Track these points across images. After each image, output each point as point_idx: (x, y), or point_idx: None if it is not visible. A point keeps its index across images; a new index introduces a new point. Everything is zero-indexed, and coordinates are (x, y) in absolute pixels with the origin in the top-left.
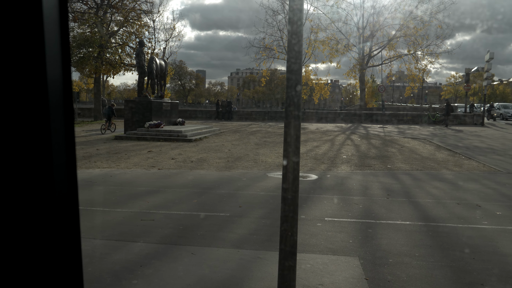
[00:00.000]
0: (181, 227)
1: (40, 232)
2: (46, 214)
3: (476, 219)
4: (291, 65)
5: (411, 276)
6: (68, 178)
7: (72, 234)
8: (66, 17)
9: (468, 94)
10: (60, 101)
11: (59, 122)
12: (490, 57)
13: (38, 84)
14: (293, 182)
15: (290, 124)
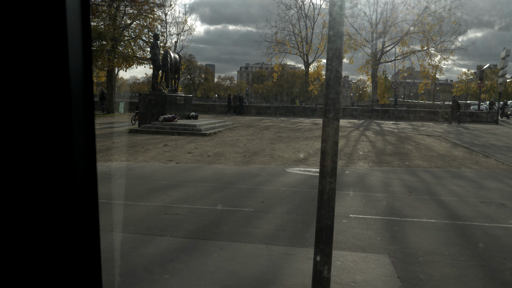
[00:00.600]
0: (207, 222)
1: (60, 224)
2: (67, 205)
3: (502, 218)
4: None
5: (443, 275)
6: (88, 170)
7: (92, 226)
8: (88, 9)
9: (481, 91)
10: (81, 92)
11: (80, 114)
12: (506, 54)
13: (61, 76)
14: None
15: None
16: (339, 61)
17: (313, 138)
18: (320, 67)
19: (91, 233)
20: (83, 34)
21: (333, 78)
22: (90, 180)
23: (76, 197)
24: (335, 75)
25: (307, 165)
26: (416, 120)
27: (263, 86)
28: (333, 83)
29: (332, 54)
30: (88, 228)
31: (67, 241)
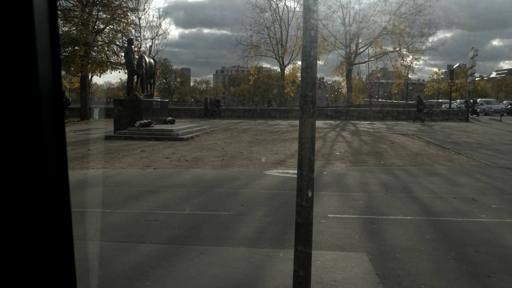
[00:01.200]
0: (186, 227)
1: (33, 230)
2: (38, 212)
3: (474, 213)
4: (305, 69)
5: (420, 270)
6: (59, 177)
7: (64, 232)
8: (55, 15)
9: (452, 90)
10: (50, 99)
11: (50, 120)
12: (474, 54)
13: (30, 82)
14: (309, 184)
15: (305, 125)
16: (313, 69)
17: (290, 140)
18: (295, 69)
19: (64, 241)
20: (51, 39)
21: (309, 81)
22: (61, 186)
23: (48, 204)
24: (311, 78)
25: (285, 167)
26: (390, 120)
27: (240, 89)
28: (309, 87)
29: (306, 63)
30: (61, 235)
31: (39, 249)
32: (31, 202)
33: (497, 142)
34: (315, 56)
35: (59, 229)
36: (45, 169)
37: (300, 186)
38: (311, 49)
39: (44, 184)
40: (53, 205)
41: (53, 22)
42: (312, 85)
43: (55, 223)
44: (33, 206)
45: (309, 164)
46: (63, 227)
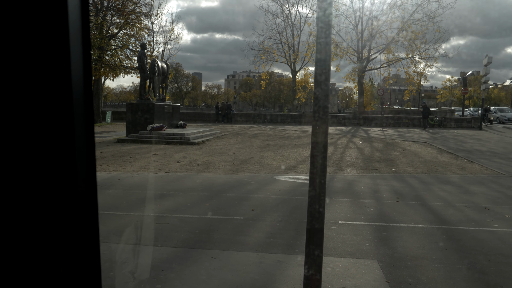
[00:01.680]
0: (197, 231)
1: (62, 231)
2: (69, 213)
3: (486, 222)
4: (318, 76)
5: (431, 278)
6: (88, 178)
7: (92, 234)
8: (87, 19)
9: (465, 98)
10: (81, 100)
11: (81, 122)
12: (488, 61)
13: (63, 85)
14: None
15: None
16: (327, 77)
17: (301, 146)
18: (307, 75)
19: (91, 241)
20: (83, 44)
21: (322, 92)
22: (91, 186)
23: (78, 204)
24: (324, 90)
25: (296, 172)
26: (402, 127)
27: (251, 94)
28: (322, 96)
29: (320, 72)
30: (89, 235)
31: (69, 248)
32: (62, 202)
33: (511, 150)
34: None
35: (88, 230)
36: (76, 170)
37: (313, 191)
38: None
39: (75, 186)
40: (83, 207)
41: (85, 24)
42: (325, 96)
43: (85, 224)
44: (66, 207)
45: (322, 170)
46: (92, 229)
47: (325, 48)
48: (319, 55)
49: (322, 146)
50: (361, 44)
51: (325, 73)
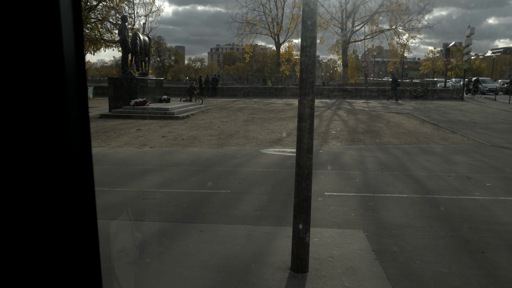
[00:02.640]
0: (185, 205)
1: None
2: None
3: (468, 191)
4: (305, 49)
5: (415, 246)
6: (84, 154)
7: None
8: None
9: (447, 69)
10: (74, 76)
11: (74, 97)
12: (470, 32)
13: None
14: (307, 156)
15: (304, 103)
16: (314, 49)
17: (286, 119)
18: (291, 48)
19: (89, 225)
20: (75, 21)
21: (310, 63)
22: (87, 170)
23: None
24: (311, 60)
25: (282, 145)
26: (385, 98)
27: (235, 67)
28: (310, 68)
29: (308, 42)
30: (86, 220)
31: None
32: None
33: (492, 121)
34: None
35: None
36: (71, 150)
37: (299, 162)
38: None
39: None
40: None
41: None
42: (311, 66)
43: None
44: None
45: (308, 141)
46: (89, 209)
47: (311, 15)
48: (305, 19)
49: (309, 120)
50: (344, 16)
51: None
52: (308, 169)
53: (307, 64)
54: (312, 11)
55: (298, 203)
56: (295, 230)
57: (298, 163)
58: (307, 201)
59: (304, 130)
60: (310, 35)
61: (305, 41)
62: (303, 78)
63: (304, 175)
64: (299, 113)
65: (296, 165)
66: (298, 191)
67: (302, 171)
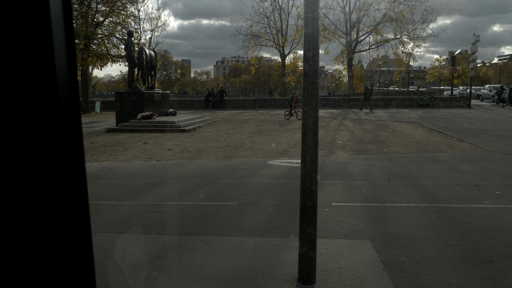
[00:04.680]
0: (191, 218)
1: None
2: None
3: (477, 199)
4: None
5: (424, 256)
6: (77, 172)
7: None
8: (70, 11)
9: (454, 77)
10: (66, 94)
11: (67, 113)
12: (476, 40)
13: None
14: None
15: (309, 113)
16: (316, 60)
17: (292, 130)
18: (296, 59)
19: (83, 232)
20: (66, 35)
21: (311, 73)
22: (80, 178)
23: (68, 195)
24: (313, 66)
25: (288, 156)
26: (392, 108)
27: (240, 79)
28: (311, 77)
29: (310, 53)
30: (81, 226)
31: (62, 239)
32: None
33: (500, 128)
34: (316, 48)
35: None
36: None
37: (304, 169)
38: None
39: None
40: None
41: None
42: (314, 72)
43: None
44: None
45: (313, 147)
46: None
47: (312, 23)
48: (306, 30)
49: (312, 123)
50: (349, 26)
51: (313, 49)
52: (314, 178)
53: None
54: (313, 19)
55: (304, 214)
56: (301, 241)
57: (303, 172)
58: (312, 211)
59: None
60: (313, 41)
61: (308, 50)
62: (307, 84)
63: (308, 184)
64: (303, 120)
65: (302, 175)
66: (303, 201)
67: (307, 180)
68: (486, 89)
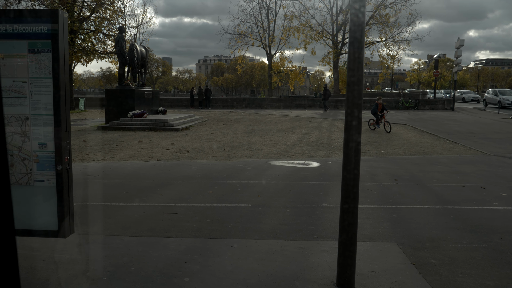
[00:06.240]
0: (209, 220)
1: None
2: None
3: (486, 201)
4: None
5: (453, 258)
6: None
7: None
8: None
9: (436, 80)
10: None
11: None
12: (460, 44)
13: None
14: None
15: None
16: (360, 65)
17: (286, 130)
18: (283, 59)
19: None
20: None
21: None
22: None
23: None
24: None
25: (289, 157)
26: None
27: (223, 78)
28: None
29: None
30: None
31: None
32: None
33: (488, 131)
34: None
35: None
36: None
37: (346, 180)
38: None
39: None
40: None
41: None
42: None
43: None
44: None
45: (355, 157)
46: None
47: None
48: (353, 35)
49: None
50: (336, 28)
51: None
52: (355, 182)
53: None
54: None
55: (344, 217)
56: (341, 244)
57: (345, 176)
58: (354, 213)
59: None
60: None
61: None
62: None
63: (351, 186)
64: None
65: (343, 179)
66: (344, 202)
67: (349, 186)
68: (490, 94)
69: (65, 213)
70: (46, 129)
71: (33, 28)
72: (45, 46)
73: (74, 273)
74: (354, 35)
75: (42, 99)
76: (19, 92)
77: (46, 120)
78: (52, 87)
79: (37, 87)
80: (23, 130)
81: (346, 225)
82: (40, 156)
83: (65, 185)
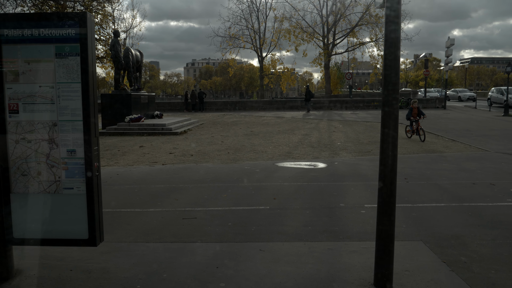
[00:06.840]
0: (230, 224)
1: None
2: None
3: (499, 197)
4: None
5: (481, 255)
6: None
7: None
8: None
9: (426, 79)
10: None
11: None
12: (451, 43)
13: None
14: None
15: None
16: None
17: (286, 132)
18: (274, 61)
19: None
20: None
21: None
22: None
23: None
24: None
25: (294, 159)
26: (371, 109)
27: (211, 81)
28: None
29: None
30: None
31: None
32: None
33: (483, 128)
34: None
35: None
36: None
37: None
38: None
39: None
40: None
41: None
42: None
43: None
44: None
45: (392, 162)
46: None
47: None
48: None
49: (392, 136)
50: (326, 29)
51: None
52: (392, 183)
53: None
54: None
55: (381, 217)
56: (378, 244)
57: (382, 179)
58: (391, 213)
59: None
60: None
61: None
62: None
63: (388, 187)
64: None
65: (380, 180)
66: (382, 205)
67: (386, 186)
68: (494, 92)
69: (95, 221)
70: (75, 135)
71: (60, 32)
72: (73, 50)
73: (106, 283)
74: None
75: (71, 105)
76: (46, 97)
77: (75, 126)
78: (81, 92)
79: (65, 92)
80: (51, 137)
81: (386, 221)
82: (69, 163)
83: (95, 192)
